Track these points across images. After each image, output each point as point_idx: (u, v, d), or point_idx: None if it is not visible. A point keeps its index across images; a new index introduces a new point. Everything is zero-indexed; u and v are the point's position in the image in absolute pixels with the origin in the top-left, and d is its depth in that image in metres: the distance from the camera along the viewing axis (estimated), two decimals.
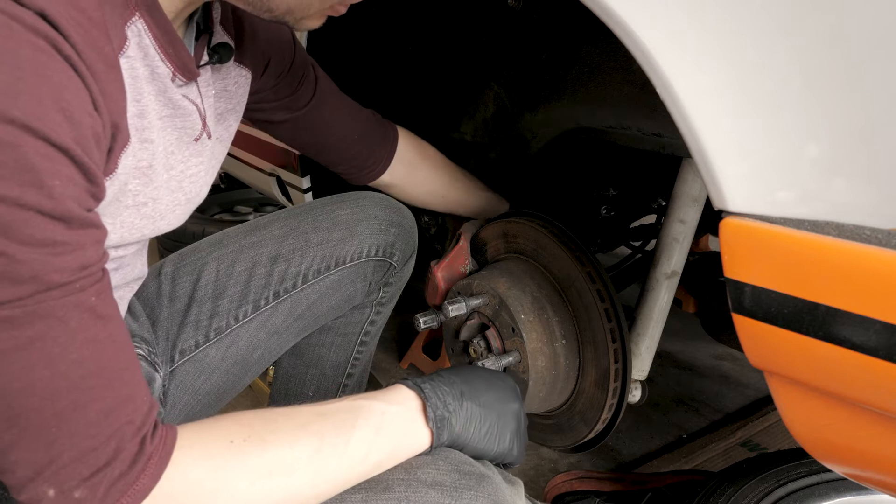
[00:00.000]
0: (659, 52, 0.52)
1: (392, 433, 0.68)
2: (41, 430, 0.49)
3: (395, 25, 1.28)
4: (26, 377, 0.48)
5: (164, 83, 0.65)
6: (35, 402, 0.48)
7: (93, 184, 0.51)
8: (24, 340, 0.47)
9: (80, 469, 0.50)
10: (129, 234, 0.68)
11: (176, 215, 0.75)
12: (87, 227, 0.50)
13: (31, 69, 0.45)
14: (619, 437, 1.56)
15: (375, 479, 0.66)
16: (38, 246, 0.46)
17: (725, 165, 0.53)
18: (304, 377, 1.16)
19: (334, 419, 0.65)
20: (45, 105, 0.46)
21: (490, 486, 0.68)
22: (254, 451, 0.59)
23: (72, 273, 0.49)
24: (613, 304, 0.90)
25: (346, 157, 1.07)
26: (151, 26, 0.61)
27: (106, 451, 0.51)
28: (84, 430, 0.50)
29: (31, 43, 0.46)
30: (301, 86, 0.97)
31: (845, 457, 0.63)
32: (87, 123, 0.49)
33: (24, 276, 0.46)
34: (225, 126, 0.84)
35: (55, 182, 0.46)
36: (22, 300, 0.46)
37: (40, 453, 0.49)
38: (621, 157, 1.35)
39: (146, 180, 0.65)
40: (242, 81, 0.86)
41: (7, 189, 0.44)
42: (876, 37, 0.46)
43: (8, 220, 0.45)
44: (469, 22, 1.21)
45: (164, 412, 0.92)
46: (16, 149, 0.44)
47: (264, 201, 2.76)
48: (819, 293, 0.51)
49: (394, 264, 1.08)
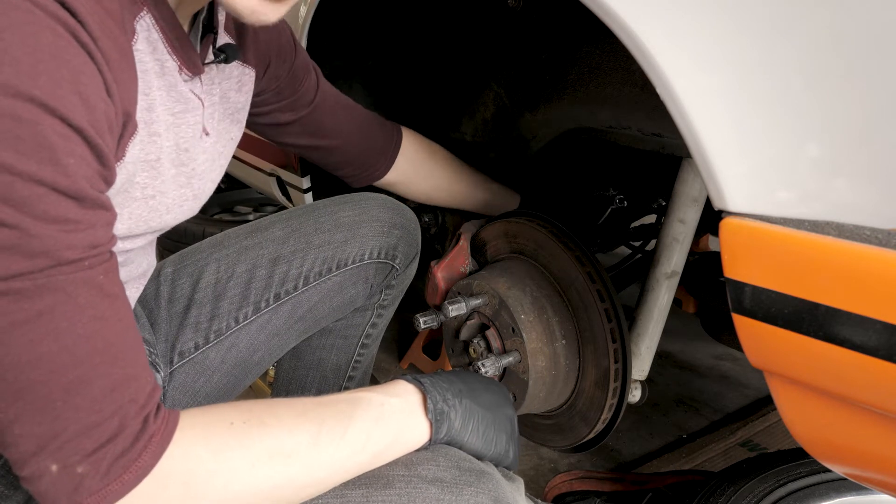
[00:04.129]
0: (659, 52, 0.52)
1: (391, 424, 0.68)
2: (46, 404, 0.49)
3: (396, 25, 1.28)
4: (34, 350, 0.48)
5: (174, 77, 0.66)
6: (41, 376, 0.49)
7: (104, 167, 0.52)
8: (32, 313, 0.48)
9: (84, 444, 0.50)
10: (136, 226, 0.68)
11: (183, 210, 0.75)
12: (98, 208, 0.51)
13: (50, 53, 0.47)
14: (619, 437, 1.56)
15: (375, 475, 0.66)
16: (52, 222, 0.47)
17: (725, 165, 0.53)
18: (304, 379, 1.16)
19: (334, 409, 0.65)
20: (63, 87, 0.47)
21: (491, 482, 0.68)
22: (254, 434, 0.59)
23: (83, 250, 0.50)
24: (613, 304, 0.90)
25: (349, 158, 1.07)
26: (158, 20, 0.62)
27: (109, 427, 0.51)
28: (89, 405, 0.51)
29: (51, 28, 0.47)
30: (303, 86, 0.97)
31: (845, 457, 0.63)
32: (100, 108, 0.51)
33: (37, 250, 0.47)
34: (235, 125, 0.84)
35: (70, 160, 0.48)
36: (33, 273, 0.47)
37: (45, 426, 0.49)
38: (621, 157, 1.35)
39: (154, 174, 0.66)
40: (247, 80, 0.86)
41: (25, 164, 0.45)
42: (876, 37, 0.46)
43: (25, 195, 0.46)
44: (469, 22, 1.21)
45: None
46: (34, 126, 0.45)
47: (264, 201, 2.76)
48: (819, 293, 0.51)
49: (396, 267, 1.07)
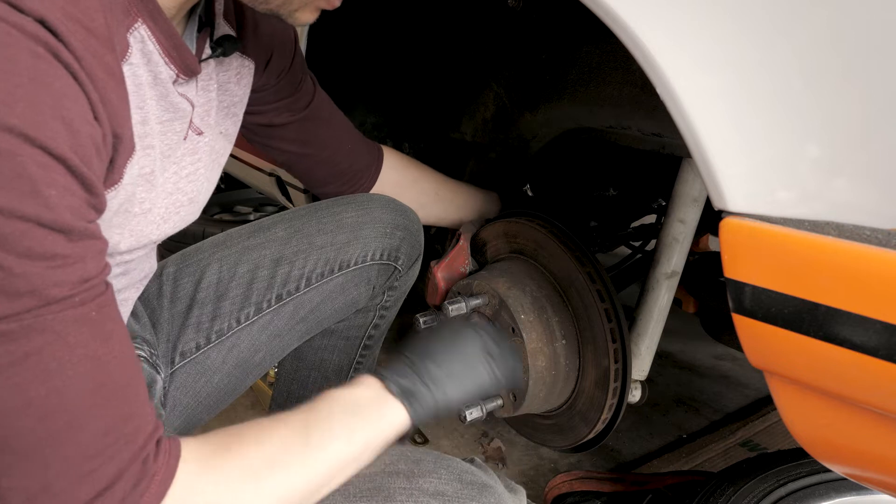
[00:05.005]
0: (659, 52, 0.52)
1: (370, 413, 0.68)
2: (35, 453, 0.46)
3: (395, 25, 1.28)
4: (20, 395, 0.45)
5: (165, 87, 0.65)
6: (29, 423, 0.46)
7: (92, 194, 0.49)
8: (19, 356, 0.45)
9: (79, 494, 0.48)
10: (138, 241, 0.67)
11: (181, 217, 0.74)
12: (87, 238, 0.49)
13: (29, 76, 0.44)
14: (619, 437, 1.56)
15: (377, 487, 0.66)
16: (37, 259, 0.45)
17: (725, 165, 0.53)
18: (306, 380, 1.15)
19: (314, 413, 0.66)
20: (44, 113, 0.44)
21: (493, 496, 0.68)
22: (251, 454, 0.59)
23: (72, 287, 0.47)
24: (613, 304, 0.90)
25: (336, 173, 1.07)
26: (155, 32, 0.60)
27: (105, 474, 0.49)
28: (80, 451, 0.48)
29: (30, 50, 0.45)
30: (300, 87, 0.97)
31: (845, 457, 0.63)
32: (86, 132, 0.48)
33: (22, 289, 0.44)
34: (230, 119, 0.83)
35: (51, 192, 0.45)
36: (19, 315, 0.44)
37: (34, 479, 0.47)
38: (621, 157, 1.35)
39: (149, 186, 0.65)
40: (245, 72, 0.85)
41: (4, 200, 0.43)
42: (875, 37, 0.46)
43: (6, 232, 0.43)
44: (469, 22, 1.21)
45: (165, 414, 0.92)
46: (13, 158, 0.43)
47: (264, 201, 2.76)
48: (819, 293, 0.51)
49: (398, 268, 1.06)
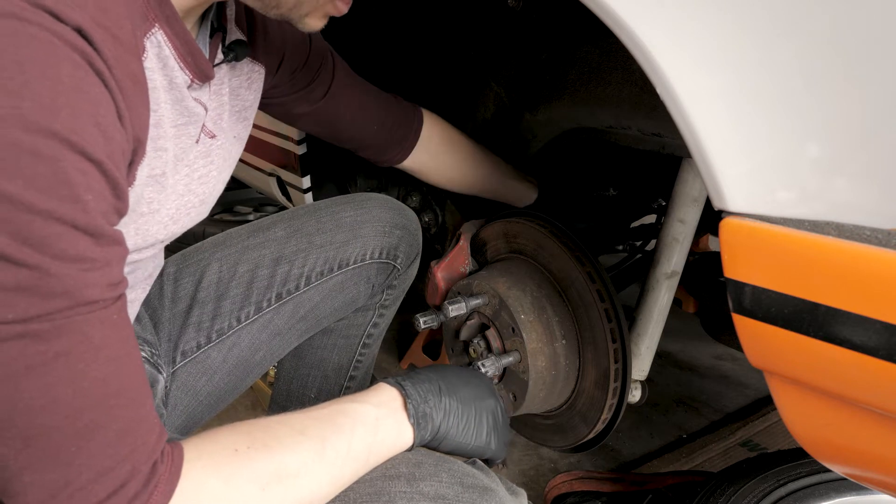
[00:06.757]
0: (659, 52, 0.52)
1: (386, 435, 0.69)
2: (59, 450, 0.47)
3: (395, 25, 1.28)
4: (48, 394, 0.46)
5: (181, 92, 0.65)
6: (56, 421, 0.47)
7: (119, 199, 0.50)
8: (50, 356, 0.46)
9: (97, 491, 0.49)
10: (144, 241, 0.68)
11: (191, 217, 0.75)
12: (114, 244, 0.50)
13: (70, 84, 0.46)
14: (619, 437, 1.56)
15: (377, 491, 0.66)
16: (70, 261, 0.46)
17: (725, 165, 0.53)
18: (306, 379, 1.16)
19: (332, 424, 0.66)
20: (84, 120, 0.46)
21: (494, 499, 0.68)
22: (260, 459, 0.59)
23: (101, 290, 0.48)
24: (613, 304, 0.90)
25: (364, 145, 1.07)
26: (171, 37, 0.61)
27: (122, 472, 0.50)
28: (102, 450, 0.49)
29: (70, 59, 0.46)
30: (317, 78, 0.97)
31: (845, 457, 0.63)
32: (117, 138, 0.50)
33: (57, 290, 0.45)
34: (242, 123, 0.84)
35: (89, 196, 0.46)
36: (51, 315, 0.45)
37: (57, 474, 0.48)
38: (621, 157, 1.35)
39: (159, 187, 0.65)
40: (256, 77, 0.85)
41: (45, 202, 0.44)
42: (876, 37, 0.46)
43: (44, 234, 0.44)
44: (469, 22, 1.21)
45: (166, 414, 0.92)
46: (55, 162, 0.44)
47: (264, 201, 2.76)
48: (819, 293, 0.51)
49: (397, 267, 1.07)
